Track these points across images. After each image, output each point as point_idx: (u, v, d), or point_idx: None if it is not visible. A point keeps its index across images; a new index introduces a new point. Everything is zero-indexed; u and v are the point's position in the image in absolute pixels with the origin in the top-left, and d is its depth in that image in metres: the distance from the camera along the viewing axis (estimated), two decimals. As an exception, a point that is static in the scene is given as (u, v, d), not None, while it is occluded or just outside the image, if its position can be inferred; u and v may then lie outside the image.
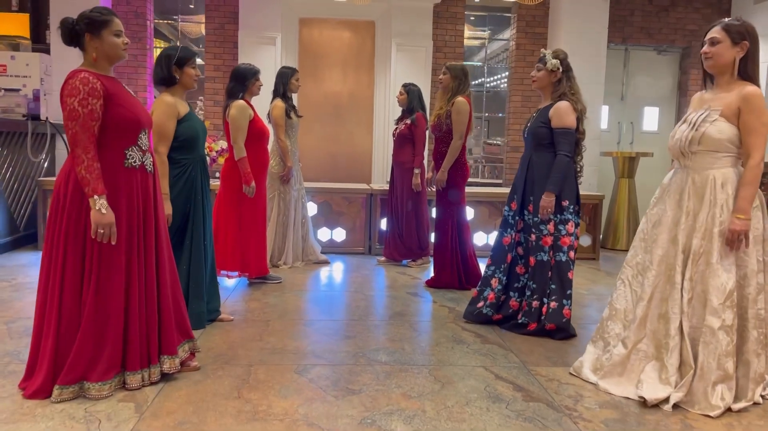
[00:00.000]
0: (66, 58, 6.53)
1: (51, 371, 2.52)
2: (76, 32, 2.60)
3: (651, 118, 8.11)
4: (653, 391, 2.67)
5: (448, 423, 2.44)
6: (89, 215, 2.48)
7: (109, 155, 2.56)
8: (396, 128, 5.57)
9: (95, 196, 2.45)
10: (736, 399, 2.65)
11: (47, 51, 6.67)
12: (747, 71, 2.73)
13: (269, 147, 4.81)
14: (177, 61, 3.41)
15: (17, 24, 6.94)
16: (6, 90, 5.93)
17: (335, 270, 5.41)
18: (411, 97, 5.46)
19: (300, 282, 4.86)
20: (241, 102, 4.40)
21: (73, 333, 2.52)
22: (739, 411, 2.62)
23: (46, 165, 6.38)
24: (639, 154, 7.14)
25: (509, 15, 7.80)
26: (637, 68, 8.05)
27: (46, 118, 6.21)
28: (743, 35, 2.71)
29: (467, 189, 4.97)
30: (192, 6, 8.13)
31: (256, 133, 4.44)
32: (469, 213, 6.14)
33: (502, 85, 8.68)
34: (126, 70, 7.10)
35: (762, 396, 2.74)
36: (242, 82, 4.46)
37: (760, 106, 2.66)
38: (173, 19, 8.01)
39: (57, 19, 6.43)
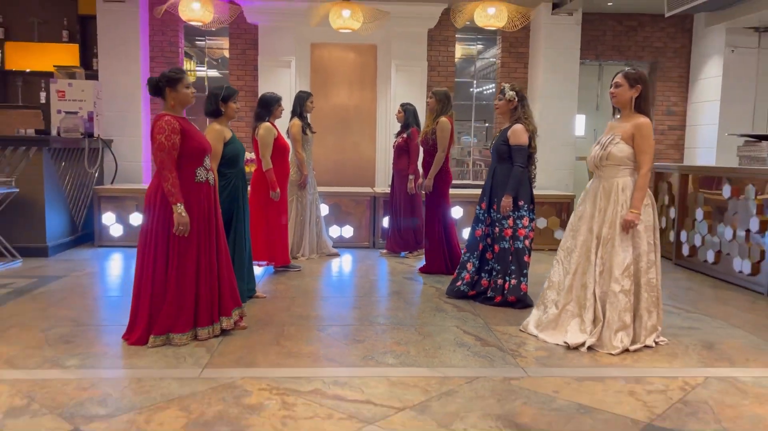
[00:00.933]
0: (113, 84, 7.71)
1: (146, 326, 3.59)
2: (159, 87, 3.67)
3: (623, 125, 9.10)
4: (574, 338, 3.73)
5: (425, 359, 3.50)
6: (172, 216, 3.54)
7: (184, 174, 3.63)
8: (395, 141, 6.63)
9: (177, 204, 3.52)
10: (633, 343, 3.70)
11: (95, 77, 7.79)
12: (641, 107, 3.77)
13: (289, 159, 5.89)
14: (222, 98, 4.48)
15: (68, 54, 8.06)
16: (66, 112, 7.05)
17: (345, 261, 6.47)
18: (407, 115, 6.52)
19: (316, 270, 5.93)
20: (267, 124, 5.48)
21: (161, 299, 3.60)
22: (635, 351, 3.66)
23: (96, 175, 7.48)
24: (609, 157, 8.14)
25: (495, 36, 8.82)
26: (610, 81, 9.04)
27: (98, 135, 7.34)
28: (638, 81, 3.75)
29: (460, 191, 6.00)
30: (214, 29, 9.20)
31: (279, 149, 5.52)
32: (461, 211, 7.21)
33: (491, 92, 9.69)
34: (161, 91, 8.18)
35: (656, 342, 3.79)
36: (268, 107, 5.54)
37: (648, 133, 3.70)
38: (198, 41, 9.07)
39: (104, 48, 7.62)
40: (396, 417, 2.71)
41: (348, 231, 7.27)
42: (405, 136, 6.48)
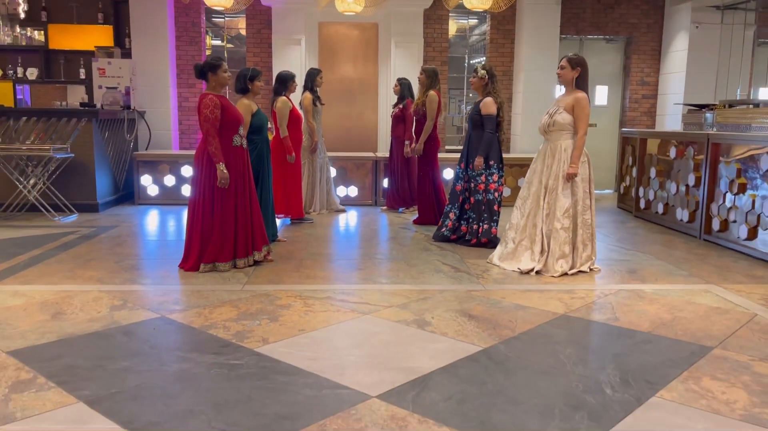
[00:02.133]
0: (144, 62, 8.74)
1: (198, 256, 4.71)
2: (203, 71, 4.71)
3: (602, 95, 10.09)
4: (526, 265, 4.84)
5: (410, 280, 4.62)
6: (215, 172, 4.62)
7: (224, 141, 4.69)
8: (392, 111, 7.66)
9: (220, 163, 4.60)
10: (571, 269, 4.80)
11: (129, 55, 8.83)
12: (579, 84, 4.80)
13: (302, 127, 6.95)
14: (250, 77, 5.52)
15: (104, 34, 9.09)
16: (108, 88, 8.11)
17: (350, 216, 7.57)
18: (403, 88, 7.54)
19: (326, 222, 7.04)
20: (284, 98, 6.52)
21: (208, 235, 4.70)
22: (572, 275, 4.76)
23: (133, 142, 8.57)
24: (585, 124, 9.15)
25: (485, 14, 9.74)
26: (590, 54, 10.01)
27: (134, 107, 8.41)
28: (578, 64, 4.78)
29: (456, 155, 7.00)
30: (234, 11, 10.15)
31: (293, 119, 6.58)
32: (451, 173, 8.27)
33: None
34: (186, 67, 9.21)
35: (590, 269, 4.89)
36: (284, 83, 6.58)
37: (585, 104, 4.74)
38: (215, 18, 10.01)
39: (136, 28, 8.63)
40: (384, 311, 3.83)
41: (353, 191, 8.36)
42: (401, 106, 7.50)
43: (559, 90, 9.75)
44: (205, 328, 3.47)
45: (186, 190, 8.14)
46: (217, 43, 9.92)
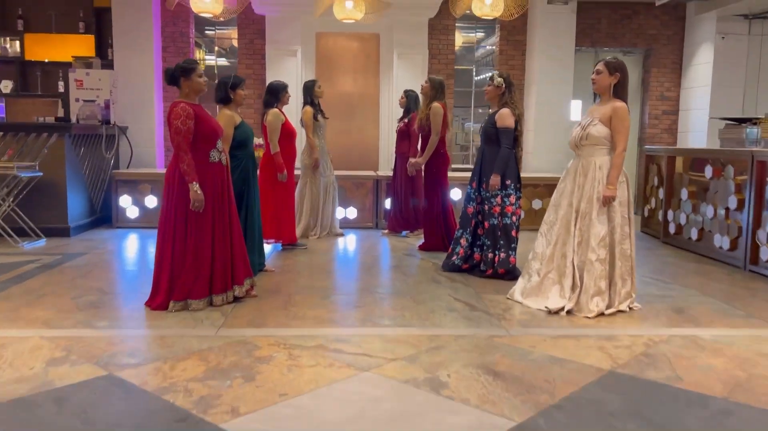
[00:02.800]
0: (127, 74, 8.08)
1: (167, 292, 3.98)
2: (174, 76, 4.03)
3: (619, 110, 9.40)
4: (555, 303, 4.10)
5: (418, 321, 3.88)
6: (189, 194, 3.91)
7: (199, 155, 3.99)
8: (398, 126, 6.98)
9: (193, 182, 3.89)
10: (608, 307, 4.06)
11: (111, 66, 8.17)
12: (618, 93, 4.09)
13: (296, 142, 6.26)
14: (231, 85, 4.84)
15: (85, 45, 8.44)
16: (84, 101, 7.44)
17: (349, 240, 6.85)
18: (409, 100, 6.86)
19: (322, 248, 6.31)
20: (275, 110, 5.84)
21: (180, 268, 3.98)
22: (610, 314, 4.02)
23: (113, 160, 7.88)
24: (603, 141, 8.46)
25: (494, 25, 9.11)
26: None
27: (114, 122, 7.72)
28: (617, 69, 4.08)
29: (463, 174, 6.34)
30: (223, 20, 9.52)
31: (286, 134, 5.89)
32: (459, 193, 7.55)
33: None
34: (173, 79, 8.53)
35: (630, 308, 4.15)
36: (276, 94, 5.89)
37: (624, 115, 4.03)
38: (207, 30, 9.39)
39: (119, 38, 7.99)
40: (388, 365, 3.09)
41: (352, 213, 7.64)
42: (406, 120, 6.83)
43: (577, 105, 9.18)
44: (162, 392, 2.73)
45: (169, 213, 7.42)
46: (211, 58, 9.28)
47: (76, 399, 2.65)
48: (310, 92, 6.57)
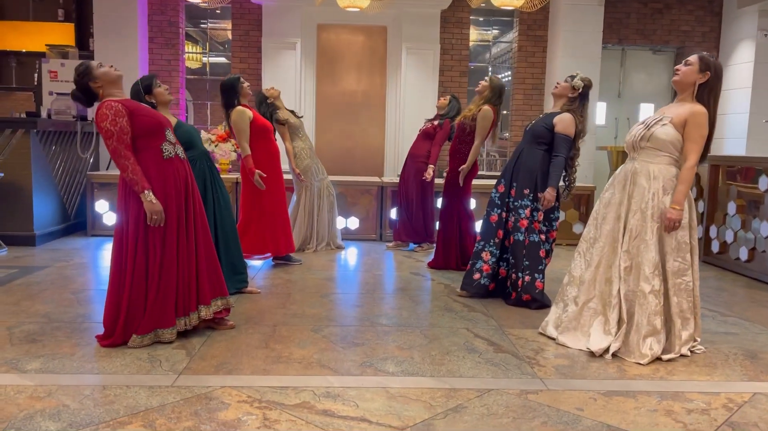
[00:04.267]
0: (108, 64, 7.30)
1: (123, 326, 3.21)
2: (83, 89, 3.24)
3: (646, 114, 8.59)
4: (598, 343, 3.31)
5: (430, 366, 3.11)
6: (141, 206, 3.14)
7: (148, 155, 3.22)
8: (424, 125, 6.19)
9: (144, 191, 3.13)
10: (665, 351, 3.27)
11: (91, 57, 7.43)
12: (703, 96, 3.30)
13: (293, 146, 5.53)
14: (144, 88, 3.98)
15: (64, 33, 7.72)
16: (58, 94, 6.69)
17: (350, 254, 6.08)
18: (451, 105, 6.06)
19: (318, 264, 5.54)
20: (239, 108, 5.00)
21: (140, 297, 3.21)
22: (668, 361, 3.24)
23: (92, 160, 7.13)
24: (631, 147, 7.68)
25: (512, 19, 8.36)
26: (633, 67, 8.60)
27: (92, 118, 6.96)
28: (709, 67, 3.27)
29: (474, 181, 5.55)
30: (219, 12, 8.80)
31: (259, 130, 5.05)
32: (473, 203, 6.76)
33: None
34: (161, 73, 7.80)
35: (691, 350, 3.37)
36: (232, 90, 4.97)
37: (703, 122, 3.24)
38: (202, 24, 8.68)
39: (100, 27, 7.27)
40: (394, 439, 2.32)
41: (353, 223, 6.87)
42: (436, 123, 6.05)
43: (602, 108, 8.39)
44: (78, 482, 1.96)
45: (150, 220, 6.66)
46: (212, 58, 8.55)
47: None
48: (263, 97, 5.75)
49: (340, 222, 6.74)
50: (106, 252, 5.86)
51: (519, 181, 4.21)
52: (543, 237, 4.20)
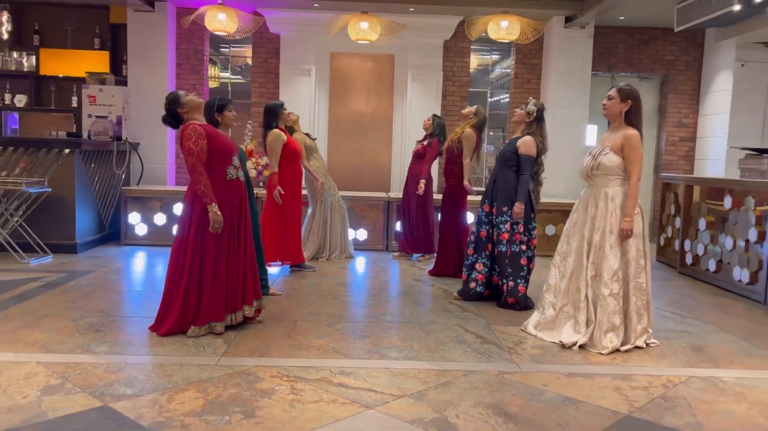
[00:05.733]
0: (141, 90, 8.07)
1: (179, 317, 3.86)
2: (171, 111, 3.93)
3: (635, 136, 9.27)
4: (568, 337, 3.96)
5: (426, 353, 3.75)
6: (207, 215, 3.81)
7: (216, 175, 3.90)
8: (416, 147, 6.89)
9: (212, 204, 3.80)
10: (623, 344, 3.91)
11: (124, 83, 8.16)
12: (631, 120, 3.98)
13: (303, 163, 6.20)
14: (217, 108, 4.55)
15: (99, 61, 8.44)
16: (97, 116, 7.41)
17: (358, 263, 6.74)
18: (435, 126, 6.76)
19: (331, 271, 6.20)
20: (276, 130, 5.72)
21: (195, 292, 3.85)
22: (625, 351, 3.87)
23: (123, 176, 7.84)
24: (619, 167, 8.32)
25: (509, 47, 9.04)
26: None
27: (126, 138, 7.69)
28: (629, 96, 3.96)
29: (477, 198, 6.21)
30: (238, 37, 9.52)
31: (290, 153, 5.78)
32: (471, 217, 7.42)
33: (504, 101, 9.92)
34: (186, 97, 8.51)
35: (647, 344, 4.00)
36: (273, 114, 5.76)
37: (636, 144, 3.91)
38: (223, 48, 9.39)
39: (133, 55, 8.00)
40: (394, 403, 2.97)
41: (362, 235, 7.54)
42: (425, 143, 6.73)
43: (593, 130, 9.06)
44: (157, 427, 2.62)
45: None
46: (226, 75, 9.26)
47: (68, 433, 2.55)
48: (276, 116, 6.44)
49: (350, 234, 7.41)
50: (139, 260, 6.55)
51: (498, 200, 4.87)
52: (524, 247, 4.85)
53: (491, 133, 9.51)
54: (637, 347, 3.94)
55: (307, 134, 6.66)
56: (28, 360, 3.36)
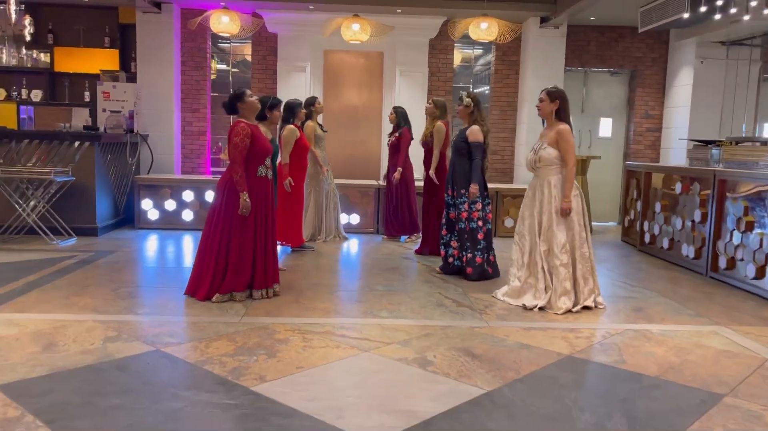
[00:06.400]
0: (149, 86, 8.74)
1: (210, 284, 4.60)
2: (232, 104, 4.65)
3: (606, 127, 10.08)
4: (530, 302, 4.75)
5: (411, 313, 4.52)
6: (238, 200, 4.54)
7: (249, 171, 4.62)
8: (389, 140, 7.63)
9: (243, 192, 4.53)
10: (575, 305, 4.70)
11: (133, 79, 8.84)
12: (561, 117, 4.75)
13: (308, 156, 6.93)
14: (269, 106, 5.31)
15: (109, 58, 9.10)
16: (111, 111, 8.10)
17: (352, 244, 7.50)
18: (398, 116, 7.51)
19: (328, 250, 6.96)
20: (291, 126, 6.47)
21: (223, 264, 4.60)
22: (576, 311, 4.67)
23: (134, 166, 8.54)
24: (589, 157, 9.12)
25: (490, 45, 9.76)
26: (594, 87, 10.04)
27: (137, 131, 8.39)
28: (557, 96, 4.74)
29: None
30: (240, 38, 10.17)
31: (299, 147, 6.53)
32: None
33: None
34: (191, 92, 9.22)
35: (596, 304, 4.79)
36: (293, 111, 6.52)
37: (568, 137, 4.69)
38: (224, 44, 10.03)
39: (142, 53, 8.65)
40: (385, 348, 3.74)
41: (355, 219, 8.29)
42: (397, 135, 7.47)
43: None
44: (201, 363, 3.38)
45: (186, 215, 8.09)
46: (222, 67, 9.92)
47: (135, 367, 3.31)
48: (309, 108, 7.20)
49: (343, 218, 8.17)
50: (153, 242, 7.27)
51: (456, 185, 5.63)
52: (481, 223, 5.60)
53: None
54: (586, 308, 4.73)
55: (320, 125, 7.37)
56: (86, 319, 4.10)
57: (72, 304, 4.45)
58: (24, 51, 8.96)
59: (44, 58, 9.08)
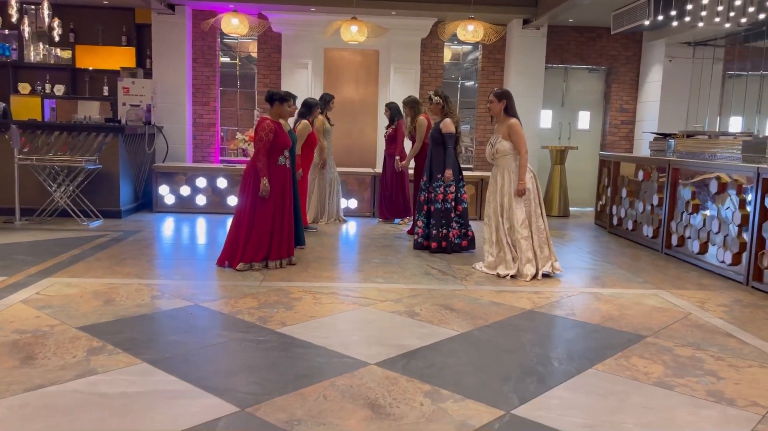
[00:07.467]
0: (163, 81, 9.52)
1: (240, 256, 5.43)
2: (273, 98, 5.47)
3: (584, 119, 10.93)
4: (503, 271, 5.60)
5: (402, 279, 5.37)
6: (259, 184, 5.35)
7: (271, 160, 5.44)
8: (386, 132, 8.46)
9: (264, 178, 5.34)
10: (537, 270, 5.56)
11: (149, 74, 9.62)
12: (510, 112, 5.61)
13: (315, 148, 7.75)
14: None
15: (127, 56, 9.88)
16: (131, 105, 8.89)
17: (350, 226, 8.33)
18: (392, 112, 8.33)
19: (329, 231, 7.80)
20: (306, 121, 7.28)
21: (247, 239, 5.41)
22: (541, 278, 5.52)
23: (152, 155, 9.33)
24: (567, 147, 9.98)
25: (477, 44, 10.56)
26: (573, 82, 10.87)
27: (154, 123, 9.18)
28: (503, 96, 5.61)
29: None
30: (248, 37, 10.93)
31: (310, 142, 7.34)
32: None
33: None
34: (201, 86, 10.00)
35: (552, 269, 5.65)
36: (309, 108, 7.34)
37: (518, 130, 5.56)
38: (231, 40, 10.80)
39: (157, 51, 9.43)
40: (381, 304, 4.59)
41: (353, 203, 9.13)
42: (393, 127, 8.30)
43: (547, 114, 10.68)
44: (233, 314, 4.22)
45: (200, 200, 8.90)
46: (226, 60, 10.67)
47: (180, 315, 4.15)
48: (326, 104, 8.01)
49: (343, 203, 9.00)
50: (171, 224, 8.09)
51: (433, 171, 6.46)
52: (454, 203, 6.46)
53: (472, 117, 11.06)
54: (549, 276, 5.59)
55: (327, 119, 8.18)
56: (132, 282, 4.94)
57: (116, 272, 5.28)
58: (47, 48, 9.72)
59: (66, 54, 9.84)
